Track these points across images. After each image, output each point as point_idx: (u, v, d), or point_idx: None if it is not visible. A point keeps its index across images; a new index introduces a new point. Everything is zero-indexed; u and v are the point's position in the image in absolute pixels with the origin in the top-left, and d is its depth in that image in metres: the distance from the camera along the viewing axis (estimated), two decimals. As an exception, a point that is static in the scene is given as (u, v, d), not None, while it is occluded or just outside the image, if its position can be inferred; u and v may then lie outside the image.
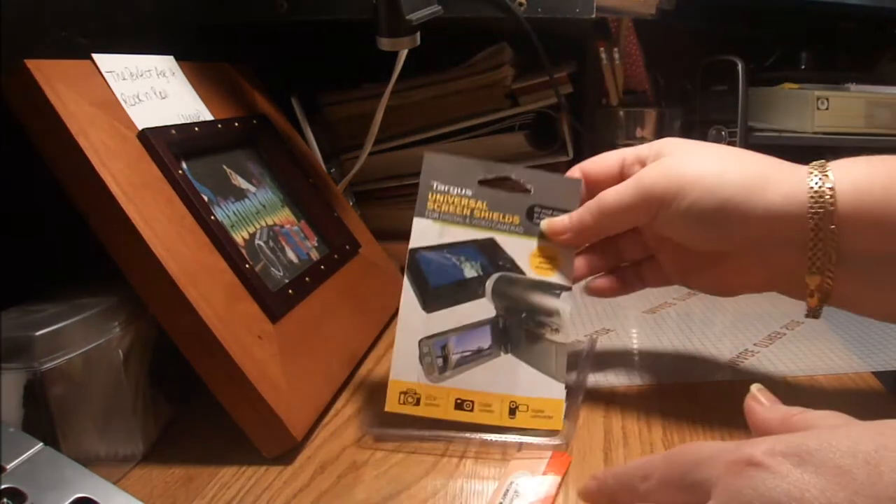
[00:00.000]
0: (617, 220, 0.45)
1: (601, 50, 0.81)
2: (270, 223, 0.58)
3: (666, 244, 0.48)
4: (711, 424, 0.45)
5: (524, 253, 0.46)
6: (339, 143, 0.84)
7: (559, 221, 0.47)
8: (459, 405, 0.42)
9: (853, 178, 0.40)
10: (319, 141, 0.79)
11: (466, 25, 0.75)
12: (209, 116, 0.57)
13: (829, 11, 0.84)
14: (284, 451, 0.44)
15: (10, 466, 0.32)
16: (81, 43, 0.53)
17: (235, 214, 0.54)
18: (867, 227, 0.39)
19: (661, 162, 0.44)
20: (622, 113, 0.85)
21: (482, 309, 0.44)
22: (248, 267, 0.48)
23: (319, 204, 0.65)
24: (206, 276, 0.45)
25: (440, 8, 0.62)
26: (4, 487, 0.31)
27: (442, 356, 0.42)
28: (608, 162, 0.48)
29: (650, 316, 0.65)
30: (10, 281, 0.44)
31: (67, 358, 0.39)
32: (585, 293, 0.51)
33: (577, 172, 0.48)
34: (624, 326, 0.62)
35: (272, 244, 0.56)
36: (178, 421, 0.49)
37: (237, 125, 0.60)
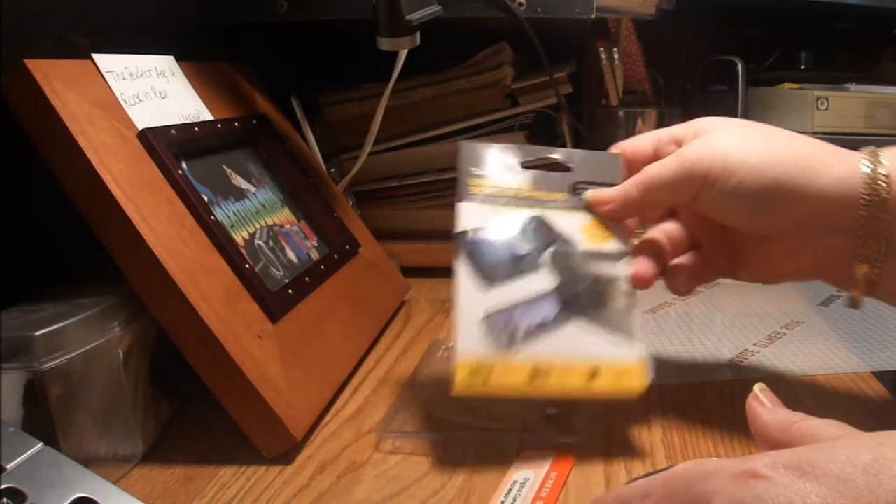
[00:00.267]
0: (660, 194, 0.44)
1: (601, 50, 0.81)
2: (270, 223, 0.58)
3: (712, 230, 0.47)
4: (711, 425, 0.45)
5: (575, 226, 0.45)
6: (339, 143, 0.84)
7: (604, 192, 0.46)
8: (534, 376, 0.39)
9: None
10: (319, 141, 0.79)
11: (466, 25, 0.75)
12: (209, 116, 0.57)
13: (829, 11, 0.84)
14: (284, 451, 0.44)
15: (10, 466, 0.32)
16: (81, 43, 0.53)
17: (235, 214, 0.54)
18: None
19: (703, 139, 0.43)
20: (622, 113, 0.85)
21: (542, 282, 0.42)
22: (248, 267, 0.48)
23: (319, 204, 0.65)
24: (205, 276, 0.45)
25: (440, 8, 0.62)
26: (4, 487, 0.31)
27: (509, 330, 0.40)
28: (642, 142, 0.47)
29: (650, 316, 0.65)
30: (10, 281, 0.44)
31: (67, 358, 0.39)
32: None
33: (615, 150, 0.48)
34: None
35: (272, 244, 0.56)
36: (178, 421, 0.49)
37: (237, 125, 0.60)
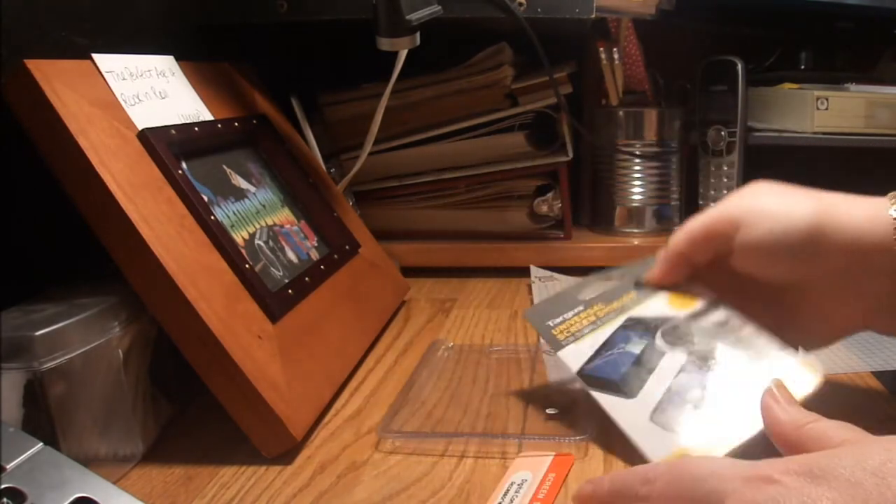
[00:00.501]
0: (700, 242, 0.45)
1: (601, 50, 0.81)
2: (270, 223, 0.58)
3: (758, 295, 0.47)
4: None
5: (661, 306, 0.47)
6: (338, 143, 0.84)
7: (655, 266, 0.48)
8: (725, 427, 0.39)
9: None
10: (319, 141, 0.79)
11: (466, 25, 0.75)
12: (209, 116, 0.57)
13: (829, 11, 0.84)
14: (284, 450, 0.44)
15: (10, 466, 0.32)
16: (81, 43, 0.53)
17: (235, 214, 0.54)
18: None
19: (737, 196, 0.45)
20: (622, 113, 0.85)
21: (672, 361, 0.43)
22: (247, 267, 0.48)
23: (319, 204, 0.65)
24: (205, 276, 0.45)
25: (440, 8, 0.62)
26: (4, 487, 0.31)
27: (674, 412, 0.40)
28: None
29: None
30: (10, 281, 0.44)
31: (67, 358, 0.39)
32: None
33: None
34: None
35: (272, 244, 0.56)
36: (178, 421, 0.49)
37: (237, 125, 0.60)
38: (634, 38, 0.83)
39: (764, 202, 0.44)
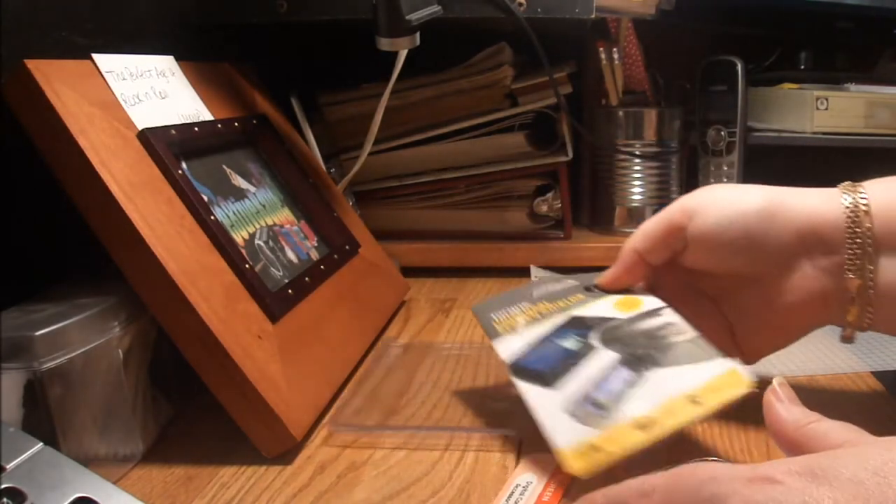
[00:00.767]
0: (654, 241, 0.46)
1: (601, 50, 0.81)
2: (270, 223, 0.58)
3: (709, 297, 0.47)
4: (710, 424, 0.45)
5: (607, 308, 0.47)
6: (338, 143, 0.84)
7: (609, 270, 0.49)
8: (642, 427, 0.38)
9: (888, 196, 0.41)
10: (319, 141, 0.79)
11: (466, 25, 0.75)
12: (209, 116, 0.57)
13: (829, 11, 0.84)
14: (284, 450, 0.44)
15: (9, 466, 0.32)
16: (81, 43, 0.53)
17: (235, 214, 0.54)
18: None
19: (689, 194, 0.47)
20: (622, 113, 0.85)
21: (602, 359, 0.43)
22: (247, 267, 0.48)
23: (319, 204, 0.65)
24: (205, 276, 0.45)
25: (440, 8, 0.62)
26: (4, 487, 0.31)
27: (592, 409, 0.40)
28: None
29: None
30: (10, 281, 0.44)
31: (67, 358, 0.39)
32: None
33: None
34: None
35: (272, 244, 0.56)
36: (178, 421, 0.49)
37: (237, 125, 0.60)
38: (634, 38, 0.83)
39: (717, 192, 0.46)
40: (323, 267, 0.58)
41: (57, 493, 0.32)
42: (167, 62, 0.55)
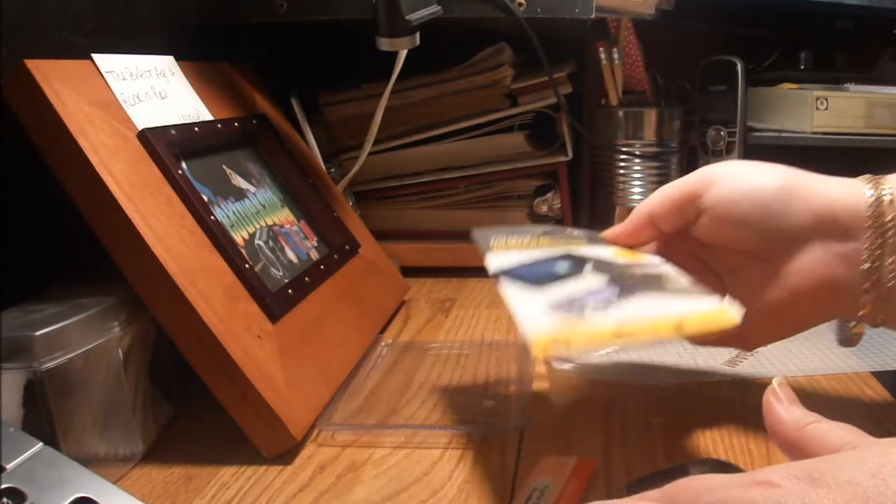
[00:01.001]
0: (668, 202, 0.45)
1: (600, 50, 0.81)
2: (270, 223, 0.58)
3: (717, 273, 0.47)
4: (710, 425, 0.45)
5: (606, 253, 0.46)
6: (338, 143, 0.84)
7: (618, 225, 0.48)
8: (619, 334, 0.37)
9: None
10: (319, 141, 0.79)
11: (466, 25, 0.75)
12: (209, 116, 0.57)
13: (829, 11, 0.84)
14: (284, 450, 0.44)
15: (10, 466, 0.32)
16: (81, 43, 0.53)
17: (235, 214, 0.54)
18: None
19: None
20: (622, 113, 0.85)
21: (591, 282, 0.42)
22: (247, 267, 0.48)
23: (319, 204, 0.65)
24: (205, 276, 0.45)
25: (440, 8, 0.62)
26: (4, 487, 0.31)
27: (576, 307, 0.39)
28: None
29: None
30: (10, 281, 0.44)
31: (67, 358, 0.39)
32: None
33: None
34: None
35: (272, 244, 0.56)
36: (178, 421, 0.49)
37: (237, 125, 0.60)
38: (634, 38, 0.84)
39: (737, 166, 0.45)
40: (323, 267, 0.58)
41: (57, 493, 0.32)
42: (167, 62, 0.55)
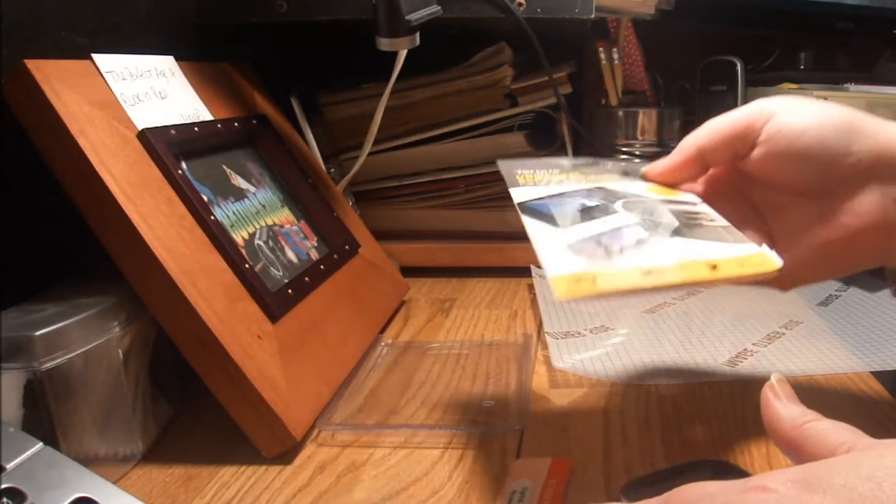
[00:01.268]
0: (720, 134, 0.43)
1: (600, 50, 0.81)
2: (270, 223, 0.58)
3: (778, 203, 0.44)
4: (710, 425, 0.45)
5: (639, 189, 0.44)
6: (338, 143, 0.84)
7: (660, 160, 0.45)
8: (648, 274, 0.34)
9: None
10: (319, 141, 0.79)
11: (466, 25, 0.75)
12: (209, 116, 0.57)
13: (829, 11, 0.84)
14: (284, 450, 0.44)
15: (10, 466, 0.32)
16: (81, 43, 0.53)
17: (235, 214, 0.54)
18: None
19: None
20: (621, 113, 0.85)
21: (620, 219, 0.39)
22: (247, 267, 0.48)
23: (319, 204, 0.65)
24: (205, 276, 0.45)
25: (439, 8, 0.62)
26: (4, 487, 0.31)
27: (602, 248, 0.36)
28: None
29: (649, 315, 0.65)
30: (10, 281, 0.44)
31: (67, 358, 0.39)
32: None
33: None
34: (623, 325, 0.63)
35: (272, 244, 0.56)
36: (178, 421, 0.49)
37: (237, 125, 0.60)
38: (634, 38, 0.84)
39: (797, 100, 0.42)
40: (323, 267, 0.58)
41: (57, 493, 0.32)
42: (167, 62, 0.55)
